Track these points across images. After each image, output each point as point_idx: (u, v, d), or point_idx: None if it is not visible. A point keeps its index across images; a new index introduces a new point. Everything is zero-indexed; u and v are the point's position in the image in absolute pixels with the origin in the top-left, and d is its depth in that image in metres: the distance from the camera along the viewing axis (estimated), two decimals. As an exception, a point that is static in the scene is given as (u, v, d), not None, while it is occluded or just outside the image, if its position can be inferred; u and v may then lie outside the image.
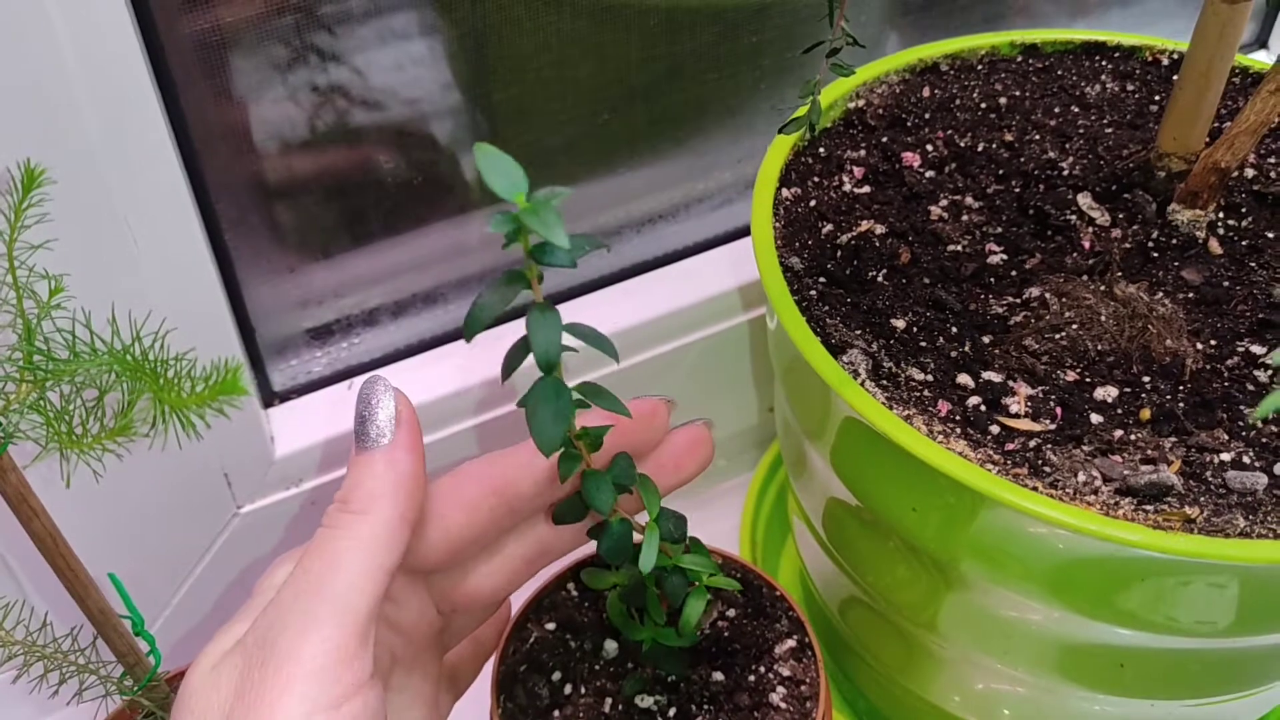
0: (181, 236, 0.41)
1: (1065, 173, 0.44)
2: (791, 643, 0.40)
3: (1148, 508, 0.31)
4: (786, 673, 0.39)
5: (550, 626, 0.41)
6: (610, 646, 0.40)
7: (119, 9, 0.36)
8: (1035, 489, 0.32)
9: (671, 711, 0.38)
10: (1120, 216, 0.42)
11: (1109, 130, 0.46)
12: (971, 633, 0.40)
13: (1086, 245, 0.41)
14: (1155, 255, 0.40)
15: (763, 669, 0.39)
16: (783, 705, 0.38)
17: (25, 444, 0.29)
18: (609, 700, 0.38)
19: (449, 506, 0.33)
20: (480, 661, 0.41)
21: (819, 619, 0.50)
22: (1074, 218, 0.42)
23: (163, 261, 0.41)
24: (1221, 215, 0.42)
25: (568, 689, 0.39)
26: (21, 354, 0.27)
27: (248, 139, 0.44)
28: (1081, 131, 0.46)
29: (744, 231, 0.58)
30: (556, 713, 0.38)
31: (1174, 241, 0.40)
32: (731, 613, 0.41)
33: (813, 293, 0.39)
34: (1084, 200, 0.43)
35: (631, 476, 0.34)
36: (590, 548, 0.37)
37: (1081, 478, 0.32)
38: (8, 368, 0.28)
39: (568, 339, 0.29)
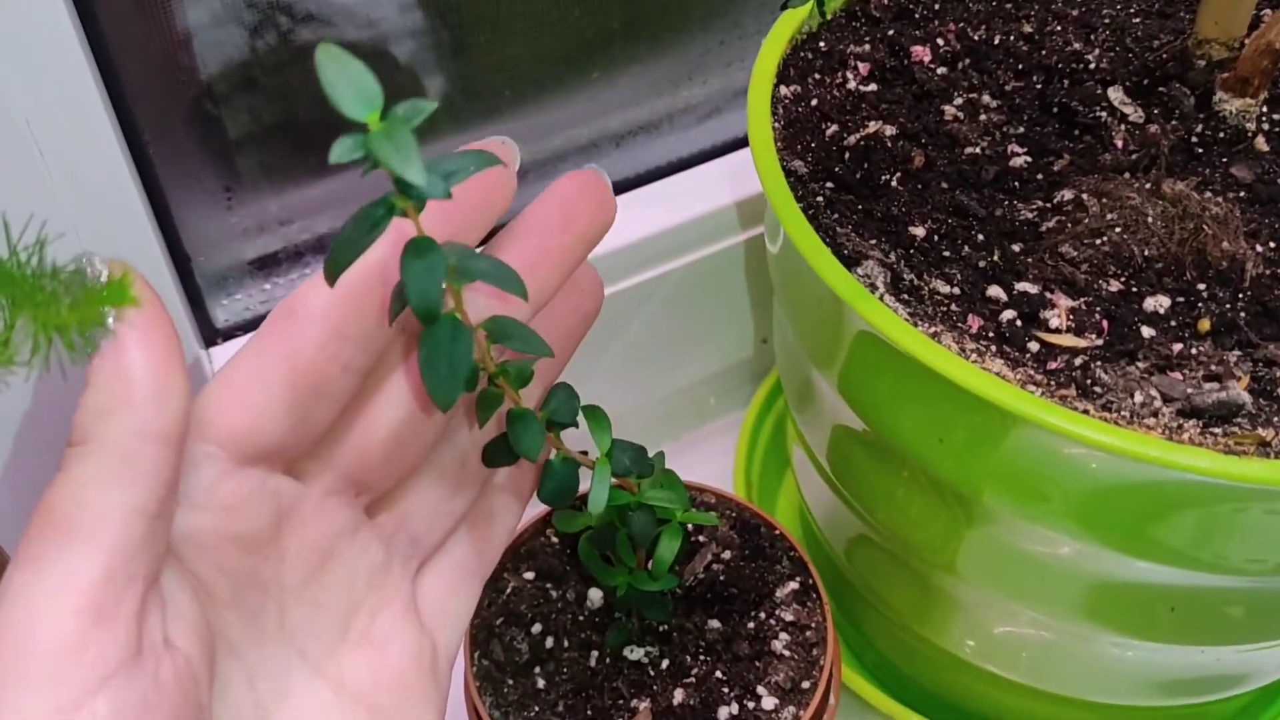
0: (95, 148, 0.36)
1: (1092, 66, 0.40)
2: (794, 585, 0.37)
3: (1215, 430, 0.28)
4: (790, 618, 0.36)
5: (529, 576, 0.37)
6: (595, 595, 0.36)
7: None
8: (1087, 412, 0.28)
9: (664, 664, 0.35)
10: (1156, 112, 0.38)
11: (1136, 20, 0.42)
12: (993, 573, 0.37)
13: (1120, 144, 0.37)
14: (1200, 151, 0.36)
15: (763, 615, 0.36)
16: (786, 653, 0.35)
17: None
18: (594, 653, 0.35)
19: (264, 366, 0.25)
20: (511, 514, 0.34)
21: (822, 563, 0.47)
22: (1104, 114, 0.38)
23: (75, 177, 0.36)
24: (1265, 110, 0.38)
25: (549, 642, 0.35)
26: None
27: (173, 32, 0.39)
28: (1107, 21, 0.42)
29: (734, 145, 0.54)
30: (538, 669, 0.35)
31: (1221, 135, 0.36)
32: (727, 555, 0.37)
33: (819, 199, 0.35)
34: (1115, 95, 0.39)
35: (573, 411, 0.30)
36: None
37: (1139, 398, 0.28)
38: None
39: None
